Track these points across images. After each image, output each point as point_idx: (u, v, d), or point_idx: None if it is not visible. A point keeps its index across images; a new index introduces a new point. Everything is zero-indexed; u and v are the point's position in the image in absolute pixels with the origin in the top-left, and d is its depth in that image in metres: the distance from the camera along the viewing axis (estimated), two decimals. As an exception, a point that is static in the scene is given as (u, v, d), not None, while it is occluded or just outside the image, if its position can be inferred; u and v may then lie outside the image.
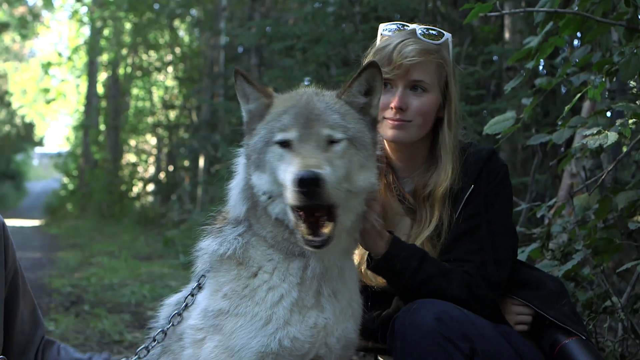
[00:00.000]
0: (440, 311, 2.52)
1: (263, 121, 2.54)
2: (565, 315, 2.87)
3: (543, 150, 5.83)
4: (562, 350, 2.78)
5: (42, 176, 49.85)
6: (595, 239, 3.88)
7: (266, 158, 2.46)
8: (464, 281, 2.74)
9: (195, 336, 2.47)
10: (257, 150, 2.49)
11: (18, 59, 36.55)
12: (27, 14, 29.67)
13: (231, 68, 17.73)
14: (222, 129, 17.12)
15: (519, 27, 8.70)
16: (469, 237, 2.83)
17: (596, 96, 3.61)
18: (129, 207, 22.97)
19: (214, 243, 2.57)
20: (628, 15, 3.63)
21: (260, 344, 2.39)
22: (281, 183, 2.40)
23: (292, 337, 2.42)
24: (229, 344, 2.40)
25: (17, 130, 41.15)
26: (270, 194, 2.46)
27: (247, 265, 2.50)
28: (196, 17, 21.64)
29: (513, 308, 2.90)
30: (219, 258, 2.54)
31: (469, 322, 2.57)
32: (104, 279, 9.49)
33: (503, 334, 2.69)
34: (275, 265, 2.49)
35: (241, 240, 2.52)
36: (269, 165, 2.45)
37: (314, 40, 9.96)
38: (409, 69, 2.85)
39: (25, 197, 38.27)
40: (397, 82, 2.87)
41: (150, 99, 25.04)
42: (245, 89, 2.58)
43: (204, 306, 2.50)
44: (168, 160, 24.05)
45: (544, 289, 2.94)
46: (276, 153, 2.44)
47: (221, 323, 2.44)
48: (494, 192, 2.89)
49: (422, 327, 2.50)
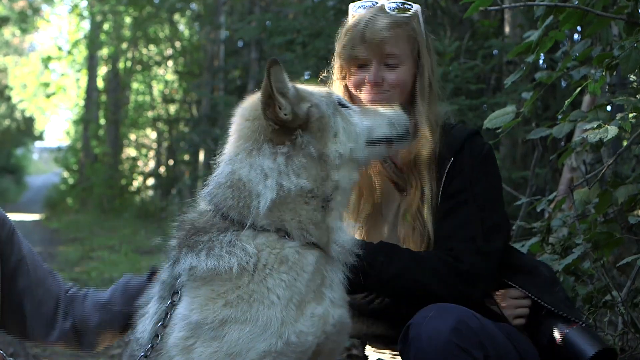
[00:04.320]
0: (458, 321, 2.46)
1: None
2: (561, 302, 2.85)
3: (543, 145, 5.83)
4: (565, 339, 2.75)
5: (42, 170, 49.84)
6: (595, 233, 3.88)
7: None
8: (445, 265, 2.70)
9: (185, 343, 2.36)
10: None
11: (18, 53, 36.52)
12: (27, 8, 29.62)
13: (231, 62, 17.81)
14: (222, 123, 17.08)
15: (519, 21, 8.69)
16: (456, 212, 2.79)
17: (596, 90, 3.61)
18: (129, 201, 23.00)
19: (210, 261, 2.39)
20: (628, 9, 3.62)
21: (267, 344, 2.32)
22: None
23: (298, 332, 2.36)
24: (232, 350, 2.32)
25: (17, 124, 41.15)
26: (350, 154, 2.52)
27: (254, 269, 2.38)
28: (196, 11, 21.63)
29: (512, 302, 2.88)
30: (211, 272, 2.40)
31: (484, 330, 2.52)
32: (105, 273, 9.52)
33: (507, 336, 2.67)
34: (290, 265, 2.40)
35: (250, 249, 2.39)
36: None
37: (314, 35, 9.97)
38: (380, 44, 2.86)
39: (25, 191, 38.28)
40: (371, 59, 2.89)
41: (150, 93, 25.05)
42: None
43: (195, 319, 2.35)
44: (168, 154, 24.08)
45: (538, 275, 2.92)
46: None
47: (221, 334, 2.33)
48: (479, 169, 2.85)
49: (438, 338, 2.43)
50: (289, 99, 2.42)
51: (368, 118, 2.62)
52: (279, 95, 2.41)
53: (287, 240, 2.42)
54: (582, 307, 4.01)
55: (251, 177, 2.42)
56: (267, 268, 2.38)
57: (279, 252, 2.40)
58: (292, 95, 2.44)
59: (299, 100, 2.45)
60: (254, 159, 2.44)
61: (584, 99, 5.66)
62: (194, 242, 2.44)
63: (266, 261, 2.39)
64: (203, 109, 19.35)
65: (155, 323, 2.44)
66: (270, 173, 2.41)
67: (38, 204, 28.49)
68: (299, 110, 2.44)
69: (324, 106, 2.52)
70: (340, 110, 2.56)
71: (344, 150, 2.49)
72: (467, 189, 2.82)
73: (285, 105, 2.42)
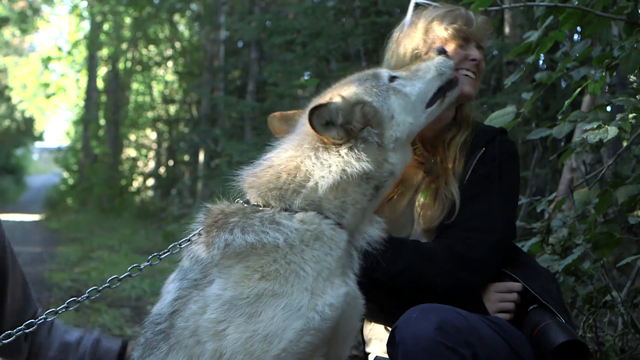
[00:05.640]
0: (442, 320, 2.46)
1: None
2: (551, 298, 2.85)
3: (543, 145, 5.83)
4: (540, 331, 2.75)
5: (42, 171, 49.83)
6: (595, 233, 3.88)
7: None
8: (452, 258, 2.75)
9: (217, 328, 2.34)
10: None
11: (18, 53, 36.52)
12: (27, 8, 29.62)
13: (231, 62, 17.81)
14: (222, 123, 17.14)
15: (519, 21, 8.70)
16: (480, 199, 2.86)
17: (596, 90, 3.61)
18: (129, 202, 23.01)
19: (249, 236, 2.42)
20: (628, 10, 3.62)
21: (303, 321, 2.32)
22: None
23: (329, 304, 2.37)
24: (267, 331, 2.31)
25: (17, 124, 41.15)
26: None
27: (293, 243, 2.42)
28: (196, 12, 21.64)
29: (496, 295, 2.87)
30: (249, 247, 2.42)
31: (469, 327, 2.53)
32: (104, 273, 9.48)
33: (496, 329, 2.67)
34: (325, 241, 2.45)
35: (292, 224, 2.43)
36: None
37: (314, 35, 9.96)
38: (483, 30, 3.06)
39: (25, 191, 38.27)
40: (472, 40, 3.03)
41: (150, 94, 25.07)
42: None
43: (229, 296, 2.35)
44: (168, 154, 24.09)
45: (534, 269, 2.95)
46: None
47: (257, 310, 2.33)
48: (508, 163, 2.95)
49: (423, 338, 2.44)
50: (338, 125, 2.51)
51: (419, 80, 2.70)
52: (326, 132, 2.50)
53: (323, 218, 2.47)
54: (582, 307, 4.01)
55: (314, 167, 2.50)
56: (304, 243, 2.42)
57: (316, 227, 2.45)
58: (342, 115, 2.51)
59: (350, 110, 2.54)
60: (320, 153, 2.52)
61: (584, 100, 5.66)
62: (222, 223, 2.48)
63: (302, 237, 2.42)
64: (203, 109, 19.35)
65: (173, 299, 2.43)
66: (334, 163, 2.49)
67: (38, 204, 28.50)
68: (354, 124, 2.52)
69: (375, 97, 2.60)
70: (392, 87, 2.65)
71: (401, 132, 2.59)
72: (495, 179, 2.89)
73: (335, 135, 2.51)
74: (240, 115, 15.02)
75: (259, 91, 15.30)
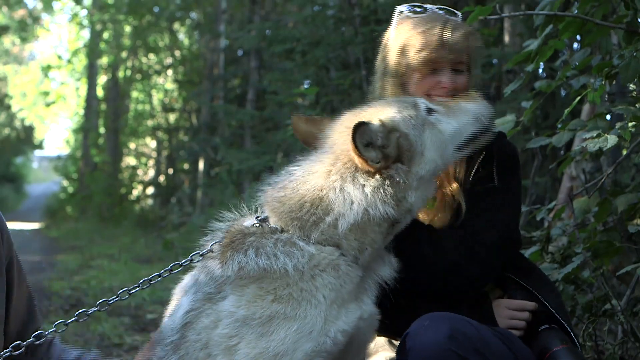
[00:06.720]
0: (453, 328, 2.47)
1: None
2: (564, 313, 2.86)
3: (543, 153, 5.83)
4: (551, 357, 2.75)
5: (42, 179, 49.80)
6: (595, 241, 3.88)
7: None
8: (461, 246, 2.75)
9: (228, 342, 2.36)
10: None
11: (18, 61, 36.58)
12: (27, 16, 29.68)
13: (231, 71, 17.83)
14: (222, 131, 17.14)
15: (519, 30, 8.71)
16: (485, 201, 2.84)
17: (596, 99, 3.61)
18: (129, 210, 22.98)
19: (261, 259, 2.41)
20: (628, 18, 3.63)
21: (315, 343, 2.34)
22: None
23: (342, 330, 2.38)
24: (278, 350, 2.33)
25: (16, 133, 41.18)
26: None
27: (306, 269, 2.41)
28: (196, 20, 21.68)
29: (507, 312, 2.87)
30: (263, 271, 2.42)
31: (479, 336, 2.53)
32: (104, 281, 9.49)
33: (505, 342, 2.67)
34: (340, 274, 2.43)
35: (307, 249, 2.42)
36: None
37: (314, 43, 9.98)
38: (459, 50, 2.87)
39: (25, 199, 38.26)
40: (444, 64, 2.89)
41: (150, 102, 25.08)
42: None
43: (242, 314, 2.36)
44: (168, 163, 24.09)
45: (542, 280, 2.95)
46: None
47: (269, 330, 2.34)
48: (512, 166, 2.93)
49: (434, 346, 2.44)
50: (377, 146, 2.44)
51: (455, 118, 2.63)
52: (365, 151, 2.43)
53: (340, 254, 2.45)
54: (582, 315, 4.00)
55: (337, 201, 2.44)
56: (318, 269, 2.40)
57: (333, 259, 2.43)
58: (380, 138, 2.45)
59: (387, 136, 2.47)
60: (346, 184, 2.45)
61: (584, 108, 5.66)
62: (238, 244, 2.46)
63: (318, 262, 2.41)
64: (203, 117, 19.36)
65: (186, 312, 2.43)
66: (357, 201, 2.43)
67: (38, 212, 28.47)
68: (390, 150, 2.46)
69: (412, 131, 2.51)
70: (428, 121, 2.57)
71: (426, 171, 2.52)
72: (498, 181, 2.87)
73: (374, 157, 2.44)
74: (240, 123, 15.03)
75: (258, 99, 15.31)
